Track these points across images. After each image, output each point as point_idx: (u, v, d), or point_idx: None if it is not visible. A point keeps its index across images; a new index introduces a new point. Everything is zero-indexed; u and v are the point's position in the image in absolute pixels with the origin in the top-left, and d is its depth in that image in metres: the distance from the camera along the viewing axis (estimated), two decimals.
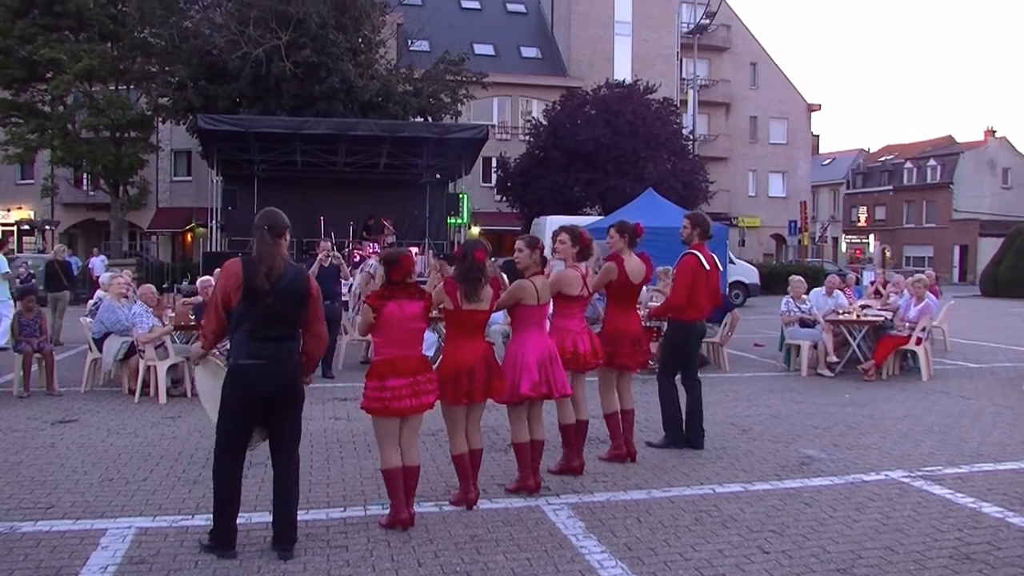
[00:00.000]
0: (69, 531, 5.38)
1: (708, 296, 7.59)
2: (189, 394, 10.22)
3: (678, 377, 7.74)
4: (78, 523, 5.54)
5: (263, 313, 4.82)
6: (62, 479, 6.56)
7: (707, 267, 7.47)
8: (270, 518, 5.10)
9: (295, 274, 5.00)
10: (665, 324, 8.22)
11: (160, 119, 32.80)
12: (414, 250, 20.80)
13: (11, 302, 13.79)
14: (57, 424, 8.63)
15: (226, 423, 4.96)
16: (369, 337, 12.35)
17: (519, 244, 6.21)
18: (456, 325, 5.72)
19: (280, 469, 5.05)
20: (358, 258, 19.83)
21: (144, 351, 9.95)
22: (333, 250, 13.26)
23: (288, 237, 5.06)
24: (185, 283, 24.06)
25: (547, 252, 6.49)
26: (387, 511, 5.48)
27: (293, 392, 5.03)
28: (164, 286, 22.14)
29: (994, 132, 62.69)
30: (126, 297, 10.86)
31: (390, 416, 5.29)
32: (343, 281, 13.53)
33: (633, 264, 6.99)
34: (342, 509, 5.83)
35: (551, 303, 6.45)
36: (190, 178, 41.50)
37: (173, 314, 11.49)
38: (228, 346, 5.20)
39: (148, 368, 9.99)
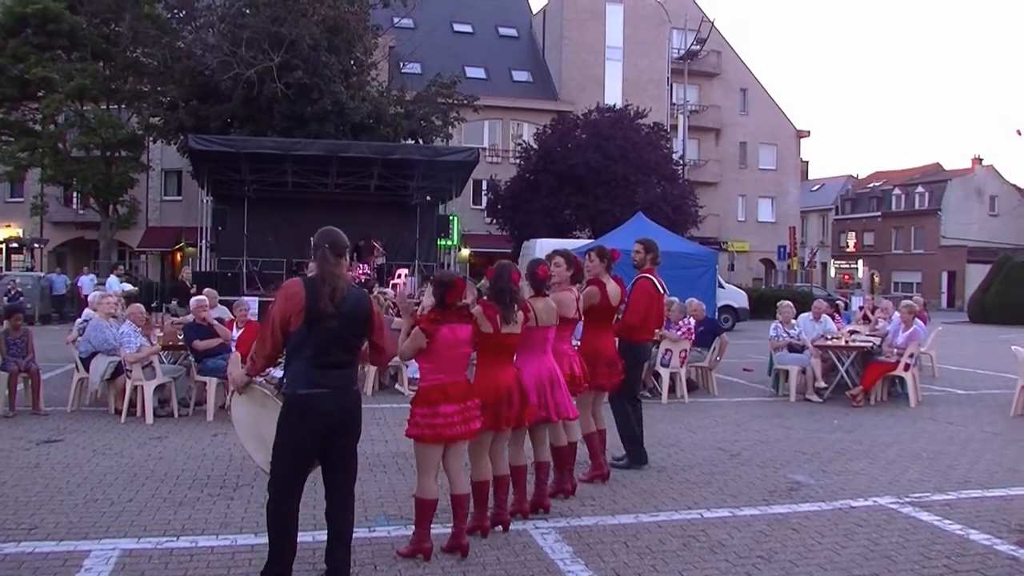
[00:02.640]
0: (52, 552, 5.33)
1: (657, 318, 8.03)
2: (176, 414, 10.18)
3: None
4: (61, 544, 5.49)
5: (326, 338, 4.54)
6: (46, 499, 6.50)
7: (660, 291, 7.79)
8: (255, 540, 5.05)
9: (358, 297, 4.77)
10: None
11: (151, 139, 32.80)
12: (403, 271, 20.83)
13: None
14: (42, 444, 8.57)
15: (285, 459, 4.61)
16: None
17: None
18: (492, 349, 5.62)
19: (338, 504, 4.81)
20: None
21: (131, 371, 9.90)
22: None
23: (347, 257, 4.81)
24: (174, 303, 23.99)
25: None
26: (372, 534, 5.45)
27: (355, 422, 4.79)
28: (153, 305, 22.06)
29: (981, 160, 63.24)
30: (115, 316, 10.81)
31: (441, 443, 5.20)
32: None
33: (612, 287, 7.16)
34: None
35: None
36: (180, 198, 41.40)
37: (161, 334, 11.46)
38: (276, 374, 4.93)
39: (135, 388, 9.94)
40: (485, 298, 5.71)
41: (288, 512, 4.64)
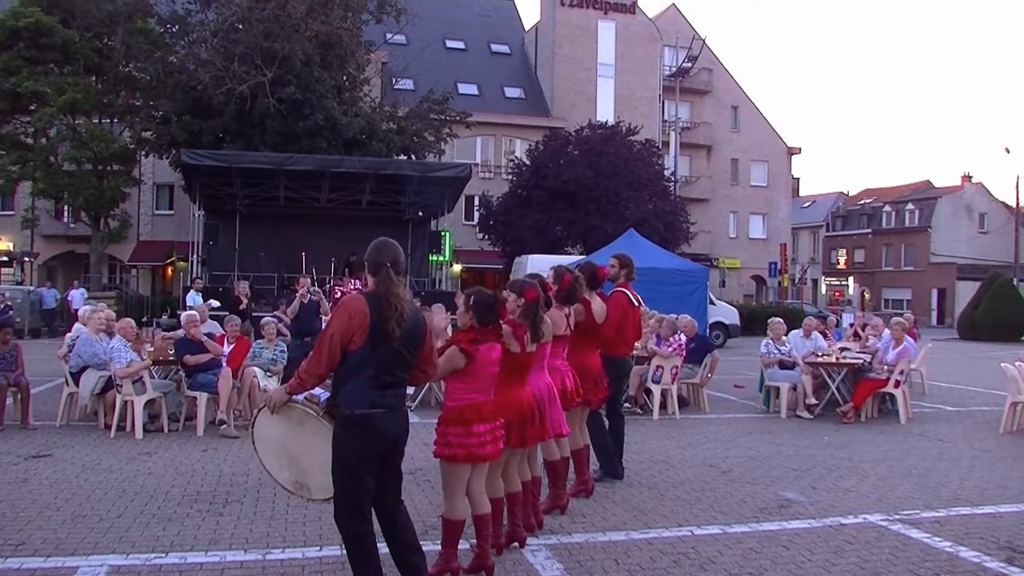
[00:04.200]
0: (40, 569, 5.31)
1: (634, 331, 8.10)
2: (166, 429, 10.14)
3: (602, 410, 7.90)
4: (49, 560, 5.46)
5: (388, 357, 4.43)
6: (34, 515, 6.47)
7: (635, 304, 7.90)
8: (244, 556, 5.02)
9: (415, 314, 4.63)
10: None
11: (143, 153, 32.77)
12: None
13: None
14: (31, 459, 8.52)
15: (351, 483, 4.43)
16: None
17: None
18: (514, 368, 5.59)
19: (401, 522, 4.69)
20: (339, 294, 19.79)
21: (121, 385, 9.86)
22: (313, 286, 13.26)
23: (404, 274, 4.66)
24: (165, 317, 23.94)
25: None
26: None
27: (406, 440, 4.70)
28: (143, 320, 22.03)
29: (971, 177, 63.60)
30: (108, 333, 10.76)
31: (473, 463, 5.11)
32: (323, 317, 13.50)
33: (597, 305, 7.23)
34: (318, 548, 5.77)
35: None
36: (172, 212, 41.38)
37: (152, 348, 11.42)
38: (316, 393, 4.79)
39: (125, 403, 9.89)
40: (511, 317, 5.65)
41: (367, 535, 4.49)
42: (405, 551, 4.64)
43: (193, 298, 16.50)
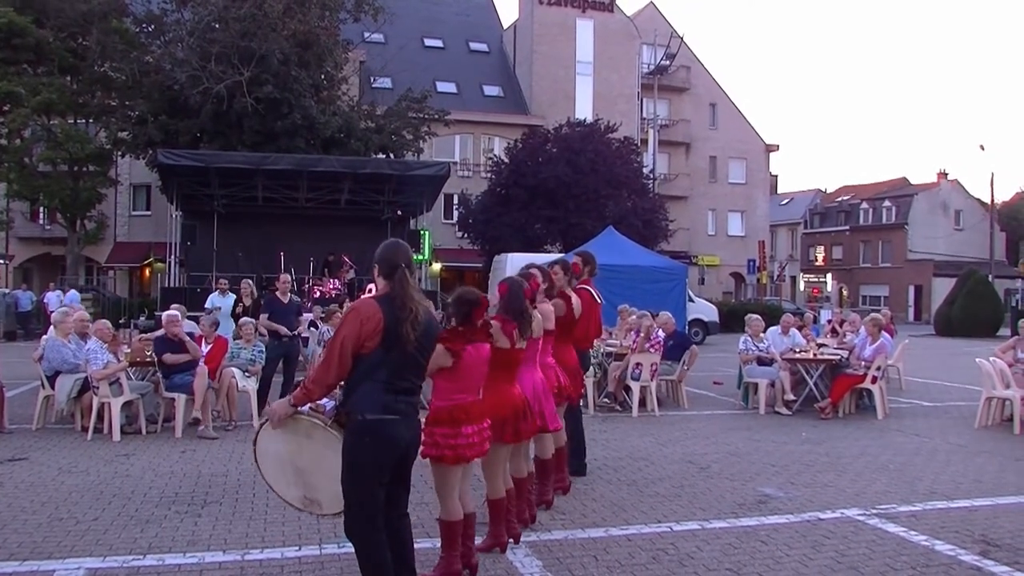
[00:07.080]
0: (15, 572, 5.27)
1: (595, 327, 8.09)
2: (144, 431, 10.07)
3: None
4: (25, 564, 5.41)
5: (402, 362, 4.29)
6: (9, 519, 6.41)
7: (597, 301, 7.90)
8: (223, 557, 4.99)
9: (428, 316, 4.45)
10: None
11: (119, 153, 32.52)
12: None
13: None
14: (6, 462, 8.44)
15: (362, 492, 4.29)
16: None
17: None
18: (504, 364, 5.55)
19: (402, 537, 4.54)
20: (318, 294, 19.73)
21: (98, 387, 9.78)
22: (292, 286, 13.19)
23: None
24: (142, 318, 23.75)
25: None
26: (342, 550, 5.41)
27: (417, 449, 4.61)
28: (120, 322, 21.84)
29: (946, 175, 64.15)
30: (82, 335, 10.65)
31: (461, 464, 5.05)
32: (301, 317, 13.44)
33: (575, 300, 7.29)
34: (297, 548, 5.76)
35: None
36: (149, 213, 41.07)
37: (129, 350, 11.33)
38: (326, 403, 4.56)
39: (102, 405, 9.81)
40: (499, 314, 5.62)
41: (381, 544, 4.35)
42: (401, 569, 4.52)
43: (213, 300, 15.88)
